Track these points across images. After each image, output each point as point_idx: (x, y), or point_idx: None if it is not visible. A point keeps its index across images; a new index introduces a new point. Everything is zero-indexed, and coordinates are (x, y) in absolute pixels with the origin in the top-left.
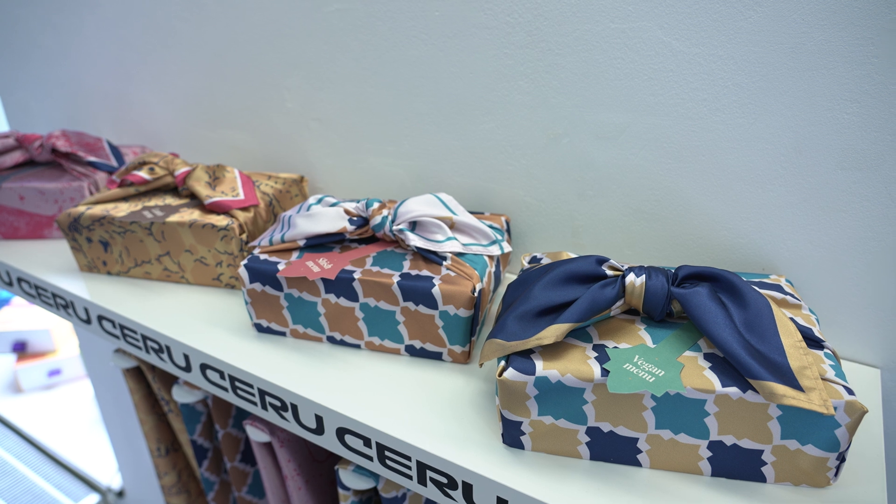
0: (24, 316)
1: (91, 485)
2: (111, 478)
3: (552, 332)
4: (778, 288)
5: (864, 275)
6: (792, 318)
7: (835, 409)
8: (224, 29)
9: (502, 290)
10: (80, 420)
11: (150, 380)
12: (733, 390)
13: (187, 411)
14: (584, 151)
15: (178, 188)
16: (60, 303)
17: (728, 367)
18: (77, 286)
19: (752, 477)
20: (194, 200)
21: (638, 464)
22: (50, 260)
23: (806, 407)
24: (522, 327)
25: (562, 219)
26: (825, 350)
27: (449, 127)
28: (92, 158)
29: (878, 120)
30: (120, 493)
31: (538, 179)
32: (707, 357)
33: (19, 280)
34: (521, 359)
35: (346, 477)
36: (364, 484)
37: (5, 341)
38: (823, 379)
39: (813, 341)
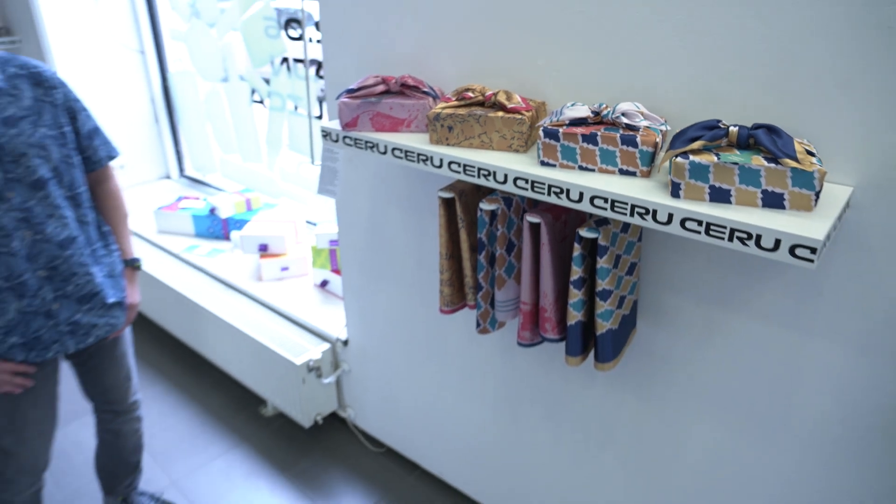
0: (266, 225)
1: (323, 337)
2: (339, 331)
3: (698, 144)
4: None
5: None
6: None
7: None
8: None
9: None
10: (310, 298)
11: (457, 205)
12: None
13: (482, 217)
14: None
15: (483, 102)
16: (422, 157)
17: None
18: (431, 150)
19: None
20: (493, 108)
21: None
22: (406, 141)
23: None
24: (684, 143)
25: None
26: None
27: None
28: (426, 89)
29: None
30: (345, 342)
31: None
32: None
33: (393, 149)
34: (682, 154)
35: (583, 231)
36: (592, 234)
37: (253, 243)
38: None
39: None
